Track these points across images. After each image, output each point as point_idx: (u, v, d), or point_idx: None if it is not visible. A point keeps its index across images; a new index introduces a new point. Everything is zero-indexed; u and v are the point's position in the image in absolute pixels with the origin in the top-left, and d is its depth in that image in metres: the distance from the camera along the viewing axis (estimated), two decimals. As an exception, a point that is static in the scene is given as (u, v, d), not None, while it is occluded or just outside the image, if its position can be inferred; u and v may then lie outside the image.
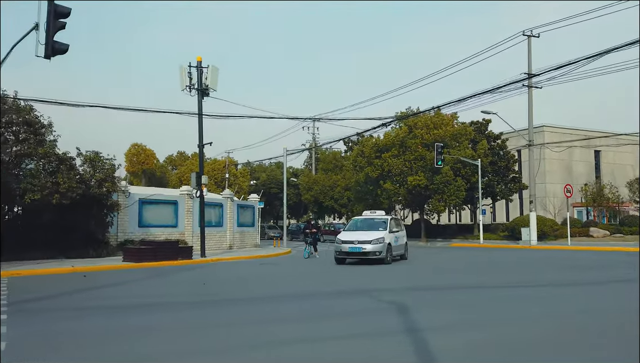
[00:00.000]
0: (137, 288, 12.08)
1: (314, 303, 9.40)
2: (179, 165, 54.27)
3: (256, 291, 11.47)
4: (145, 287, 12.30)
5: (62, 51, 13.51)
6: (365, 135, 43.08)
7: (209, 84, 21.75)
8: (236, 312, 8.41)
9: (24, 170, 18.25)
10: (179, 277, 14.70)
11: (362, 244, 17.71)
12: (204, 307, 9.09)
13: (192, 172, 22.35)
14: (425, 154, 36.16)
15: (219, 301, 9.78)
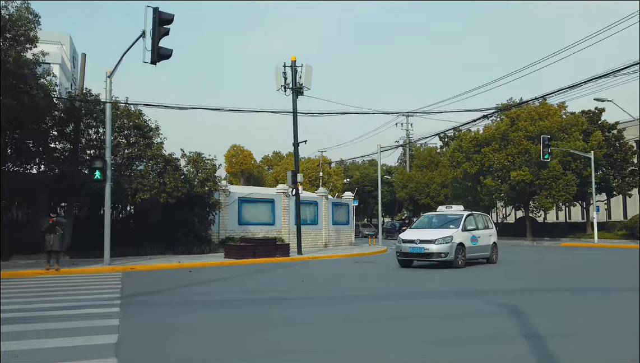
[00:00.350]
0: (239, 284, 12.26)
1: (417, 303, 8.88)
2: (274, 165, 55.69)
3: (354, 289, 11.15)
4: (247, 283, 12.46)
5: (167, 56, 14.13)
6: (462, 130, 41.41)
7: (303, 82, 21.85)
8: (339, 309, 8.13)
9: (134, 171, 19.49)
10: (278, 273, 14.80)
11: (424, 244, 15.12)
12: (304, 304, 8.92)
13: (288, 171, 22.61)
14: (530, 147, 33.84)
15: (317, 298, 9.57)
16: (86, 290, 10.79)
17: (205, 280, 12.96)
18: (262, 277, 13.72)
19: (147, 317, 7.54)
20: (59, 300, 9.10)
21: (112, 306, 8.29)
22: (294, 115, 22.08)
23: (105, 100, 15.65)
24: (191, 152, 21.04)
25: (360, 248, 27.09)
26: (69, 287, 11.25)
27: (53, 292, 10.53)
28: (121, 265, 16.01)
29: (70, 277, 13.88)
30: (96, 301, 9.05)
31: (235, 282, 12.69)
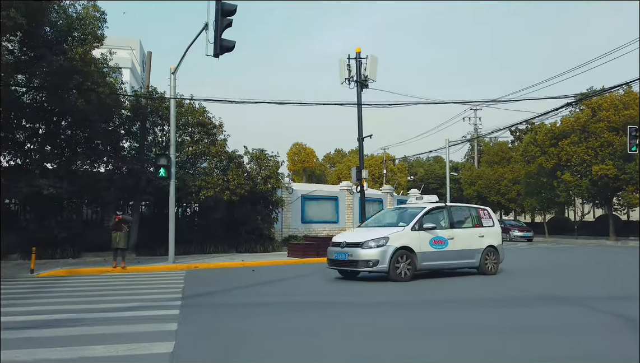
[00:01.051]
0: (303, 285, 11.60)
1: (512, 312, 7.78)
2: (336, 163, 55.05)
3: (427, 292, 10.15)
4: (311, 285, 11.77)
5: (230, 48, 13.72)
6: (535, 123, 38.90)
7: (368, 74, 20.98)
8: (419, 315, 7.22)
9: (198, 168, 19.38)
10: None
11: (350, 248, 11.35)
12: (383, 309, 8.07)
13: (352, 167, 21.81)
14: (614, 139, 31.14)
15: (389, 303, 8.69)
16: (148, 289, 10.49)
17: (269, 280, 12.41)
18: (323, 279, 12.99)
19: (208, 321, 6.98)
20: (119, 300, 8.79)
21: (172, 307, 7.82)
22: (358, 108, 21.24)
23: (169, 96, 15.49)
24: (254, 149, 20.73)
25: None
26: (131, 286, 11.02)
27: (115, 291, 10.30)
28: (185, 264, 15.84)
29: (134, 275, 13.79)
30: (157, 301, 8.64)
31: (299, 282, 12.03)
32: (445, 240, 11.93)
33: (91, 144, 17.41)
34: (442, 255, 11.89)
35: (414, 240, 11.43)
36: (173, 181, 15.99)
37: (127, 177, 17.86)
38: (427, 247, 11.58)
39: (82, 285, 11.61)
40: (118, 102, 16.19)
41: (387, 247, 11.06)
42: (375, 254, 11.00)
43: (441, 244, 11.86)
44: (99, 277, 13.34)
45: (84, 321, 6.68)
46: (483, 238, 12.83)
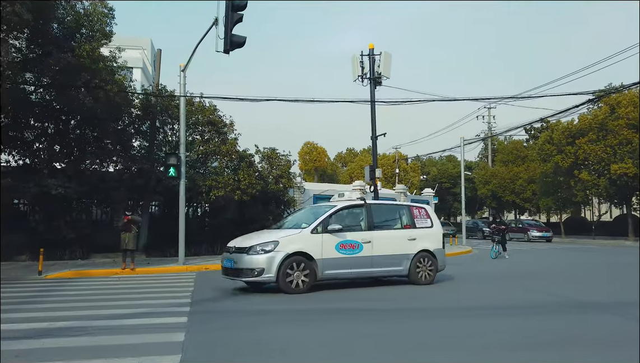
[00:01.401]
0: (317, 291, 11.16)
1: (554, 320, 7.26)
2: (348, 162, 54.56)
3: (455, 298, 9.66)
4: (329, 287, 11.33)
5: (240, 44, 13.32)
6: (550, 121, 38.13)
7: (382, 71, 20.49)
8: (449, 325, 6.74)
9: (208, 168, 19.02)
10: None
11: (237, 254, 9.87)
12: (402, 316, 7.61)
13: (365, 166, 21.33)
14: (633, 137, 30.33)
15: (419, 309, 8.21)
16: (156, 293, 10.12)
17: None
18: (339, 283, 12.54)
19: (217, 329, 6.56)
20: (125, 305, 8.41)
21: (180, 314, 7.42)
22: (371, 106, 20.75)
23: (179, 94, 15.14)
24: (265, 148, 20.33)
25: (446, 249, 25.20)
26: (139, 290, 10.66)
27: (122, 295, 9.95)
28: (195, 265, 15.48)
29: (143, 277, 13.45)
30: (164, 307, 8.25)
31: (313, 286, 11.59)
32: (358, 244, 10.18)
33: (100, 143, 17.13)
34: (354, 261, 10.15)
35: (314, 245, 9.78)
36: (183, 181, 15.65)
37: (136, 177, 17.56)
38: (332, 253, 9.91)
39: (89, 288, 11.28)
40: (127, 100, 15.85)
41: (275, 253, 9.47)
42: (261, 261, 9.43)
43: (353, 249, 10.14)
44: (107, 279, 13.03)
45: (86, 330, 6.29)
46: (414, 241, 11.05)
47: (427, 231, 11.49)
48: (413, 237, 11.11)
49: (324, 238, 9.93)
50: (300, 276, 9.62)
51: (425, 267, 11.16)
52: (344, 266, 10.11)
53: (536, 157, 42.51)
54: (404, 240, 10.99)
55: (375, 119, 20.78)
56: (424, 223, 11.59)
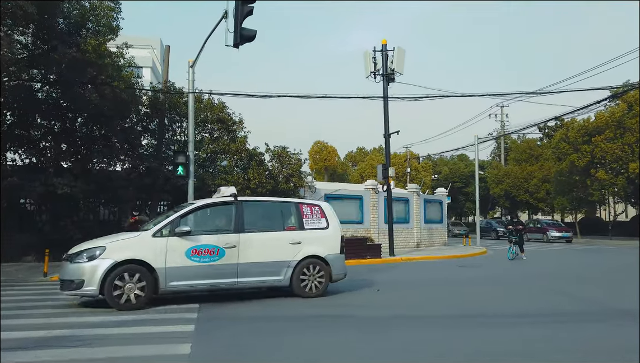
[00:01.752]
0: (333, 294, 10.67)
1: (594, 328, 6.72)
2: (359, 162, 53.96)
3: (482, 303, 9.11)
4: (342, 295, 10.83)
5: (250, 38, 12.88)
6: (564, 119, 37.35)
7: (395, 67, 19.96)
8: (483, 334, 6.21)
9: (218, 166, 18.59)
10: (377, 279, 13.06)
11: (65, 262, 8.43)
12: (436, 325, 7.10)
13: (378, 165, 20.79)
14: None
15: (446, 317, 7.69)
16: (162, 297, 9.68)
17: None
18: (350, 284, 12.04)
19: (225, 338, 6.10)
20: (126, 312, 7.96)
21: (186, 322, 6.97)
22: (384, 103, 20.23)
23: (188, 90, 14.71)
24: (276, 146, 19.87)
25: (457, 249, 24.66)
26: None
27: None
28: (204, 266, 15.07)
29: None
30: (170, 312, 7.80)
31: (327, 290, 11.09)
32: (218, 249, 8.54)
33: (107, 142, 16.77)
34: (211, 271, 8.46)
35: (154, 251, 8.10)
36: (192, 180, 15.23)
37: (144, 176, 17.19)
38: (181, 260, 8.23)
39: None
40: (134, 96, 15.44)
41: (99, 261, 7.81)
42: (82, 271, 7.81)
43: (210, 255, 8.47)
44: (114, 281, 12.62)
45: (85, 340, 5.85)
46: (299, 245, 9.32)
47: (320, 233, 9.72)
48: (297, 240, 9.38)
49: (170, 242, 8.24)
50: (134, 289, 7.87)
51: (313, 276, 9.47)
52: (198, 276, 8.38)
53: (551, 156, 41.72)
54: (284, 244, 9.26)
55: (388, 116, 20.26)
56: (317, 224, 9.79)
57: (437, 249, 24.95)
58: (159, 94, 17.78)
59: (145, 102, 17.67)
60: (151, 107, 17.65)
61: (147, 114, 17.92)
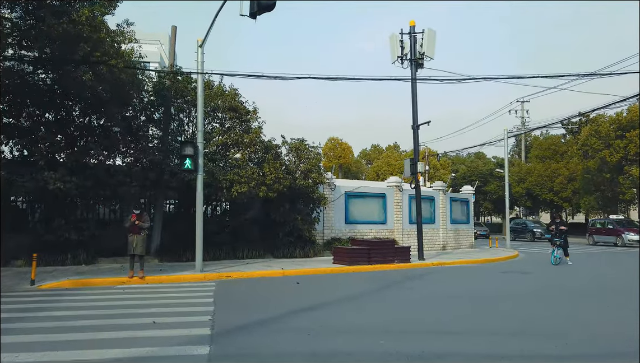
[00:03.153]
0: (371, 308, 8.81)
1: None
2: (374, 159, 51.94)
3: (563, 325, 7.21)
4: (382, 306, 8.97)
5: (269, 7, 11.04)
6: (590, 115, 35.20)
7: (425, 50, 18.03)
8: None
9: (229, 160, 16.75)
10: (413, 289, 11.16)
11: None
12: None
13: (406, 159, 18.89)
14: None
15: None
16: (167, 312, 7.86)
17: (320, 298, 9.66)
18: (396, 296, 10.15)
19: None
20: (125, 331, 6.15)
21: (199, 342, 5.13)
22: (412, 90, 18.34)
23: (197, 71, 12.87)
24: (293, 139, 17.98)
25: (488, 253, 22.68)
26: (146, 307, 8.42)
27: (124, 315, 7.71)
28: (215, 273, 13.24)
29: (153, 288, 11.23)
30: (175, 338, 5.97)
31: (363, 304, 9.22)
32: None
33: (107, 132, 14.98)
34: None
35: None
36: (201, 174, 13.42)
37: (148, 170, 15.43)
38: None
39: (85, 302, 9.12)
40: (135, 79, 13.57)
41: None
42: None
43: None
44: (111, 290, 10.84)
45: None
46: None
47: None
48: None
49: None
50: None
51: None
52: None
53: (577, 153, 39.56)
54: None
55: (416, 105, 18.38)
56: None
57: (465, 252, 22.99)
58: (164, 79, 15.97)
59: (149, 88, 15.86)
60: (156, 93, 15.83)
61: (151, 102, 16.12)
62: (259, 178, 15.77)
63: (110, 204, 15.97)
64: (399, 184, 22.17)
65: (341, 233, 20.36)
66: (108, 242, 15.30)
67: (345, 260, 15.90)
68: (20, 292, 10.72)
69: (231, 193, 15.23)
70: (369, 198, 21.57)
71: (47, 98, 14.20)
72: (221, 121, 16.68)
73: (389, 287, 11.45)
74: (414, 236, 22.48)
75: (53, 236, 14.26)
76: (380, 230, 21.51)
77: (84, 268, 14.05)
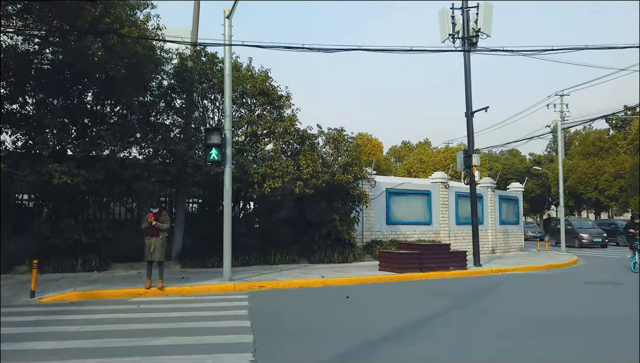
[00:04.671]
0: (451, 337, 6.69)
1: None
2: (404, 156, 49.51)
3: None
4: (464, 337, 6.83)
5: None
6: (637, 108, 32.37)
7: (481, 26, 15.76)
8: None
9: (260, 151, 14.72)
10: (492, 308, 8.97)
11: None
12: None
13: (458, 151, 16.64)
14: None
15: None
16: (192, 344, 5.84)
17: (384, 321, 7.54)
18: (479, 321, 7.97)
19: None
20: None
21: None
22: (465, 72, 16.08)
23: (224, 42, 10.87)
24: (331, 129, 15.91)
25: (545, 256, 20.26)
26: (163, 334, 6.42)
27: (132, 340, 5.73)
28: (245, 282, 11.23)
29: (175, 302, 9.29)
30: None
31: (445, 332, 7.06)
32: None
33: (122, 120, 13.12)
34: None
35: None
36: (229, 167, 11.43)
37: (168, 164, 13.53)
38: None
39: (89, 322, 7.23)
40: (153, 55, 11.56)
41: None
42: None
43: None
44: (123, 305, 8.93)
45: None
46: None
47: None
48: None
49: None
50: None
51: None
52: None
53: (626, 148, 36.70)
54: None
55: (470, 89, 16.12)
56: None
57: (518, 256, 20.59)
58: (186, 61, 14.03)
59: (169, 70, 13.92)
60: (177, 76, 13.89)
61: (171, 87, 14.19)
62: (294, 172, 13.73)
63: (126, 202, 14.09)
64: (444, 181, 19.91)
65: (382, 235, 18.20)
66: (123, 245, 13.43)
67: (394, 267, 13.75)
68: (17, 305, 8.92)
69: (263, 189, 13.21)
70: (412, 196, 19.35)
71: (55, 82, 12.38)
72: (250, 108, 14.67)
73: (462, 304, 9.26)
74: (460, 238, 20.26)
75: (61, 239, 12.44)
76: (424, 232, 19.29)
77: (95, 276, 12.20)
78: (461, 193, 20.60)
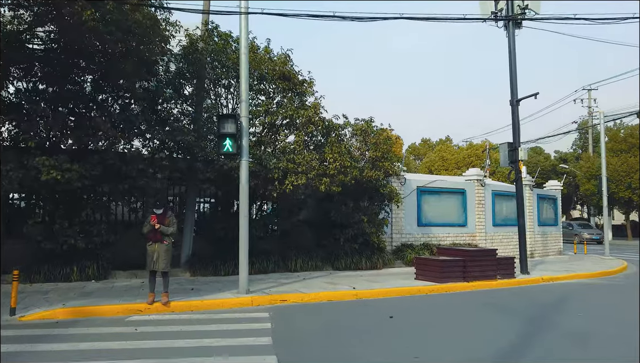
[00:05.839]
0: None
1: None
2: (424, 154, 47.55)
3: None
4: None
5: None
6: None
7: (529, 3, 13.92)
8: None
9: (280, 144, 12.99)
10: (573, 331, 7.18)
11: None
12: None
13: (502, 144, 14.77)
14: None
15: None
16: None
17: (447, 353, 5.77)
18: (564, 343, 6.18)
19: None
20: None
21: None
22: (510, 56, 14.26)
23: (239, 10, 9.17)
24: (358, 120, 14.15)
25: (591, 262, 18.32)
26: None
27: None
28: (266, 295, 9.52)
29: (181, 321, 7.62)
30: None
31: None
32: None
33: (127, 112, 11.49)
34: None
35: None
36: (245, 159, 9.74)
37: (176, 158, 11.89)
38: None
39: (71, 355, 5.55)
40: (156, 27, 9.87)
41: None
42: None
43: None
44: (118, 324, 7.28)
45: None
46: None
47: None
48: None
49: None
50: None
51: None
52: None
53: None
54: None
55: (516, 74, 14.28)
56: None
57: (560, 261, 18.68)
58: (197, 42, 12.36)
59: (177, 54, 12.27)
60: (185, 58, 12.22)
61: (180, 72, 12.54)
62: (319, 167, 11.99)
63: (129, 202, 12.45)
64: (480, 178, 18.07)
65: (413, 238, 16.42)
66: (125, 250, 11.81)
67: (435, 276, 11.95)
68: (-8, 327, 7.29)
69: (285, 186, 11.49)
70: (446, 194, 17.53)
71: (48, 64, 10.79)
72: (269, 94, 12.95)
73: (541, 327, 7.45)
74: (498, 241, 18.42)
75: (54, 243, 10.83)
76: (459, 234, 17.46)
77: (92, 286, 10.58)
78: (498, 191, 18.76)
